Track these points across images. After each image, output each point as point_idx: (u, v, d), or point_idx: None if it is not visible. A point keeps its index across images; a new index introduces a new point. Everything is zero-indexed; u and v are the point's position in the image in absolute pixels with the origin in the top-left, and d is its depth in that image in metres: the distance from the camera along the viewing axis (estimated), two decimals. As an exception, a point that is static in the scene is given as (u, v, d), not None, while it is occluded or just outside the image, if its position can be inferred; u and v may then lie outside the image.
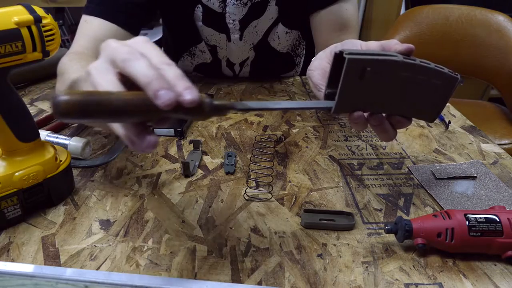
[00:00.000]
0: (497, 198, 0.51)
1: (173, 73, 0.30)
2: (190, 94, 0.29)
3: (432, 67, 0.40)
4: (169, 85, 0.29)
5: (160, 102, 0.28)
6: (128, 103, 0.28)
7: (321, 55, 0.54)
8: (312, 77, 0.53)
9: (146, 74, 0.29)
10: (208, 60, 0.89)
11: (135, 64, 0.29)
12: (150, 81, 0.28)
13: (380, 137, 0.44)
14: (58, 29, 0.44)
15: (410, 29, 1.40)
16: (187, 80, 0.30)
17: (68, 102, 0.26)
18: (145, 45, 0.32)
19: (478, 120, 0.82)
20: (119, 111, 0.28)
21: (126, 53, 0.30)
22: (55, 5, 1.91)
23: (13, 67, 0.41)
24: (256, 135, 0.67)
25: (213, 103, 0.32)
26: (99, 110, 0.27)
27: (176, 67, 0.31)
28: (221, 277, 0.40)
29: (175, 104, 0.28)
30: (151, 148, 0.30)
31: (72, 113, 0.27)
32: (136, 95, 0.29)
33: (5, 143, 0.44)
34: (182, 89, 0.29)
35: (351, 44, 0.47)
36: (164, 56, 0.31)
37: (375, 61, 0.38)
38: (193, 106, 0.29)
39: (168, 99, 0.28)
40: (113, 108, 0.28)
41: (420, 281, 0.39)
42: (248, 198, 0.51)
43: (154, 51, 0.31)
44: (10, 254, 0.42)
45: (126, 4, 0.68)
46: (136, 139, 0.30)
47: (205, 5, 0.77)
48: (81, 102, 0.27)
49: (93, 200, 0.51)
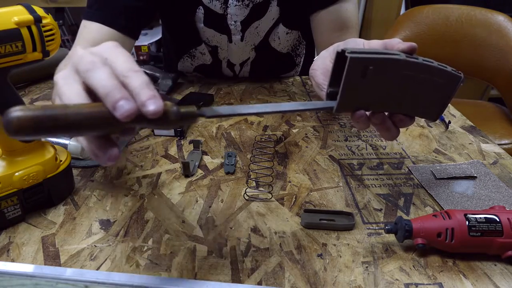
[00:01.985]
0: (497, 198, 0.51)
1: (138, 82, 0.28)
2: (154, 104, 0.27)
3: (435, 66, 0.40)
4: (130, 94, 0.27)
5: (119, 113, 0.26)
6: (86, 117, 0.27)
7: (323, 54, 0.53)
8: (315, 77, 0.53)
9: (104, 84, 0.27)
10: (208, 62, 0.89)
11: (95, 75, 0.28)
12: (108, 92, 0.27)
13: (383, 135, 0.44)
14: (58, 29, 0.44)
15: (410, 29, 1.40)
16: (152, 88, 0.28)
17: (20, 119, 0.24)
18: (112, 51, 0.30)
19: (478, 120, 0.82)
20: (76, 126, 0.26)
21: (88, 63, 0.29)
22: (55, 5, 1.91)
23: (13, 67, 0.41)
24: (256, 135, 0.67)
25: (180, 111, 0.30)
26: (55, 125, 0.26)
27: (143, 74, 0.29)
28: (221, 277, 0.40)
29: (135, 114, 0.27)
30: (112, 161, 0.29)
31: (25, 130, 0.25)
32: (95, 107, 0.27)
33: (5, 143, 0.44)
34: (145, 99, 0.27)
35: (354, 43, 0.47)
36: (130, 62, 0.29)
37: (377, 60, 0.38)
38: (157, 117, 0.27)
39: (127, 110, 0.26)
40: (70, 122, 0.26)
41: (420, 281, 0.39)
42: (248, 198, 0.51)
43: (120, 58, 0.29)
44: (10, 254, 0.42)
45: (124, 9, 0.68)
46: (98, 152, 0.29)
47: (206, 7, 0.77)
48: (35, 118, 0.25)
49: (93, 200, 0.51)
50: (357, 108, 0.41)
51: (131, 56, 0.30)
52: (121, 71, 0.28)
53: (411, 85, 0.40)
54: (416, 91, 0.41)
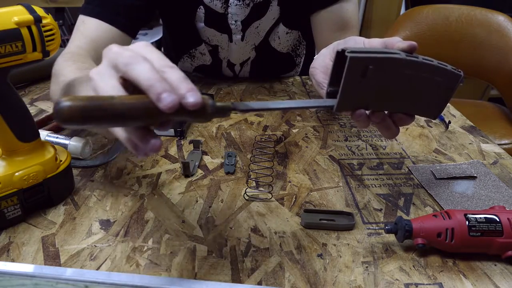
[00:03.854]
0: (497, 198, 0.51)
1: (176, 76, 0.30)
2: (193, 96, 0.29)
3: (434, 64, 0.40)
4: (171, 87, 0.29)
5: (163, 105, 0.28)
6: (131, 107, 0.28)
7: (324, 52, 0.53)
8: (315, 75, 0.53)
9: (148, 77, 0.29)
10: (208, 62, 0.89)
11: (137, 68, 0.29)
12: (152, 84, 0.28)
13: (383, 134, 0.44)
14: (58, 29, 0.44)
15: (410, 29, 1.40)
16: (190, 82, 0.30)
17: (71, 108, 0.26)
18: (147, 49, 0.32)
19: (478, 120, 0.82)
20: (122, 116, 0.28)
21: (128, 57, 0.30)
22: (55, 5, 1.91)
23: (13, 67, 0.41)
24: (256, 135, 0.67)
25: (216, 104, 0.32)
26: (102, 115, 0.27)
27: (178, 69, 0.30)
28: (221, 277, 0.40)
29: (177, 106, 0.28)
30: (154, 151, 0.30)
31: (75, 119, 0.26)
32: (139, 99, 0.29)
33: (5, 143, 0.44)
34: (185, 92, 0.29)
35: (354, 42, 0.47)
36: (166, 59, 0.31)
37: (377, 59, 0.38)
38: (196, 108, 0.29)
39: (171, 101, 0.28)
40: (116, 112, 0.28)
41: (420, 281, 0.39)
42: (248, 198, 0.51)
43: (155, 55, 0.31)
44: (10, 254, 0.42)
45: (124, 6, 0.68)
46: (139, 143, 0.30)
47: (207, 6, 0.77)
48: (84, 108, 0.27)
49: (93, 200, 0.51)
50: (357, 107, 0.41)
51: (163, 55, 0.32)
52: (158, 66, 0.30)
53: (411, 84, 0.40)
54: (416, 90, 0.41)
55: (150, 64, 0.30)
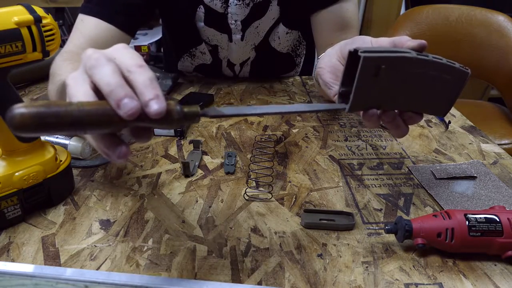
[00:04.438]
0: (497, 198, 0.51)
1: (142, 79, 0.28)
2: (157, 103, 0.27)
3: (444, 63, 0.40)
4: (135, 92, 0.27)
5: (123, 112, 0.26)
6: (90, 114, 0.26)
7: (330, 51, 0.53)
8: (322, 75, 0.52)
9: (108, 82, 0.27)
10: (208, 61, 0.89)
11: (99, 71, 0.28)
12: (112, 89, 0.27)
13: (393, 133, 0.44)
14: (58, 29, 0.44)
15: (410, 29, 1.40)
16: (156, 86, 0.28)
17: (23, 115, 0.25)
18: (120, 50, 0.30)
19: (478, 120, 0.82)
20: (80, 123, 0.26)
21: (93, 60, 0.29)
22: (55, 5, 1.91)
23: (13, 67, 0.41)
24: (256, 135, 0.67)
25: (183, 110, 0.30)
26: (58, 122, 0.26)
27: (148, 70, 0.29)
28: (221, 277, 0.40)
29: (139, 113, 0.27)
30: (122, 158, 0.29)
31: (28, 127, 0.25)
32: (99, 105, 0.27)
33: (5, 143, 0.44)
34: (148, 98, 0.27)
35: (362, 41, 0.47)
36: (137, 59, 0.29)
37: (390, 59, 0.37)
38: (161, 116, 0.27)
39: (131, 108, 0.26)
40: (73, 120, 0.26)
41: (420, 281, 0.39)
42: (248, 198, 0.51)
43: (127, 55, 0.30)
44: (10, 254, 0.42)
45: (124, 5, 0.68)
46: (106, 151, 0.29)
47: (207, 6, 0.77)
48: (37, 115, 0.25)
49: (93, 200, 0.51)
50: (369, 107, 0.41)
51: (138, 55, 0.31)
52: (125, 66, 0.29)
53: (420, 82, 0.40)
54: (425, 88, 0.41)
55: (114, 67, 0.28)
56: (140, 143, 0.30)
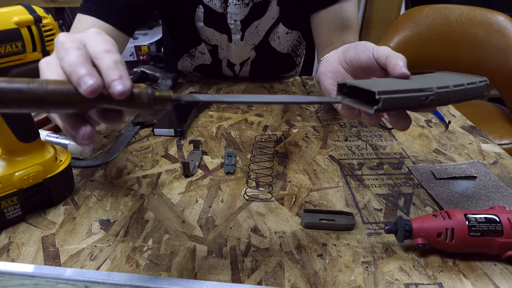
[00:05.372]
0: (497, 198, 0.51)
1: (107, 61, 0.28)
2: (120, 84, 0.27)
3: (465, 88, 0.39)
4: (97, 73, 0.27)
5: (82, 89, 0.26)
6: (53, 92, 0.26)
7: (332, 55, 0.52)
8: (323, 81, 0.51)
9: (70, 63, 0.27)
10: (208, 62, 0.89)
11: (66, 58, 0.28)
12: (73, 69, 0.27)
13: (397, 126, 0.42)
14: (58, 29, 0.44)
15: (410, 29, 1.40)
16: (122, 68, 0.28)
17: None
18: (92, 36, 0.30)
19: (478, 120, 0.82)
20: (41, 101, 0.26)
21: (64, 50, 0.29)
22: (55, 5, 1.91)
23: (13, 67, 0.41)
24: (256, 135, 0.67)
25: (154, 94, 0.29)
26: (20, 98, 0.25)
27: (116, 54, 0.29)
28: (221, 277, 0.40)
29: (99, 91, 0.26)
30: (86, 139, 0.29)
31: None
32: (63, 84, 0.27)
33: (5, 143, 0.44)
34: (111, 80, 0.27)
35: (363, 47, 0.46)
36: (105, 44, 0.29)
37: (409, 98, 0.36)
38: (125, 97, 0.27)
39: (90, 85, 0.26)
40: (35, 97, 0.25)
41: (420, 281, 0.39)
42: (248, 198, 0.51)
43: (97, 41, 0.29)
44: (10, 254, 0.42)
45: (122, 5, 0.68)
46: (71, 131, 0.29)
47: (206, 6, 0.77)
48: (0, 90, 0.25)
49: (93, 200, 0.51)
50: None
51: (110, 40, 0.30)
52: (93, 53, 0.28)
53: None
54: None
55: (81, 52, 0.28)
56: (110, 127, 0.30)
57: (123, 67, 0.28)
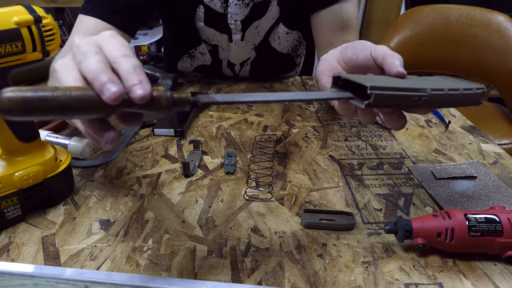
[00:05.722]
0: (497, 198, 0.51)
1: (126, 66, 0.28)
2: (141, 88, 0.27)
3: (460, 93, 0.39)
4: (119, 79, 0.28)
5: (106, 97, 0.27)
6: (75, 99, 0.27)
7: (330, 54, 0.52)
8: (321, 79, 0.52)
9: (91, 69, 0.28)
10: (208, 62, 0.89)
11: (86, 62, 0.28)
12: (95, 76, 0.27)
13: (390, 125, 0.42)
14: (58, 29, 0.44)
15: (410, 29, 1.40)
16: (141, 72, 0.28)
17: (11, 99, 0.25)
18: (108, 40, 0.31)
19: (478, 120, 0.82)
20: (66, 108, 0.26)
21: (82, 54, 0.29)
22: (55, 5, 1.91)
23: (13, 67, 0.41)
24: (256, 135, 0.67)
25: (173, 96, 0.30)
26: (45, 107, 0.26)
27: (134, 59, 0.29)
28: (221, 277, 0.40)
29: (121, 98, 0.27)
30: (110, 144, 0.29)
31: (16, 110, 0.25)
32: (85, 90, 0.27)
33: (5, 143, 0.44)
34: (131, 84, 0.27)
35: (361, 46, 0.46)
36: (123, 49, 0.30)
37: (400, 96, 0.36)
38: (145, 101, 0.28)
39: (113, 93, 0.26)
40: (60, 104, 0.26)
41: (420, 281, 0.39)
42: (248, 198, 0.51)
43: (114, 45, 0.30)
44: (10, 254, 0.42)
45: (123, 5, 0.68)
46: (95, 136, 0.29)
47: (207, 6, 0.77)
48: (25, 99, 0.25)
49: (93, 200, 0.51)
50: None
51: (126, 44, 0.31)
52: (111, 57, 0.29)
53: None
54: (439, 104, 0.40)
55: (100, 57, 0.29)
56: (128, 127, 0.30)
57: (142, 71, 0.28)
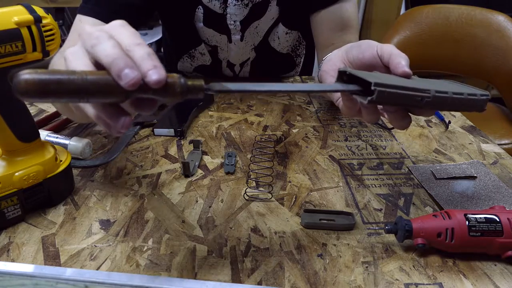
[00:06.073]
0: (497, 198, 0.51)
1: (140, 53, 0.29)
2: (156, 73, 0.28)
3: (464, 98, 0.38)
4: (134, 65, 0.28)
5: (124, 82, 0.27)
6: (92, 83, 0.27)
7: (335, 54, 0.52)
8: (326, 80, 0.51)
9: (108, 54, 0.28)
10: (208, 62, 0.89)
11: (100, 47, 0.29)
12: (112, 61, 0.28)
13: (395, 125, 0.42)
14: (58, 29, 0.44)
15: (410, 29, 1.40)
16: (155, 59, 0.29)
17: (28, 81, 0.25)
18: (119, 28, 0.31)
19: (478, 120, 0.82)
20: (82, 91, 0.27)
21: (95, 38, 0.29)
22: (55, 5, 1.91)
23: (13, 67, 0.41)
24: (256, 135, 0.67)
25: (187, 83, 0.30)
26: (60, 89, 0.26)
27: (146, 47, 0.30)
28: (221, 277, 0.40)
29: (139, 83, 0.27)
30: (125, 129, 0.30)
31: (32, 92, 0.26)
32: (101, 75, 0.28)
33: (5, 143, 0.44)
34: (146, 69, 0.28)
35: (367, 45, 0.46)
36: (135, 37, 0.30)
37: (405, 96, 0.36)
38: (160, 86, 0.28)
39: (131, 78, 0.27)
40: (76, 87, 0.27)
41: (420, 281, 0.39)
42: (248, 198, 0.51)
43: (125, 33, 0.30)
44: (10, 254, 0.42)
45: (122, 6, 0.68)
46: (109, 121, 0.30)
47: (206, 6, 0.77)
48: (41, 81, 0.26)
49: (93, 200, 0.51)
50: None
51: (136, 32, 0.31)
52: (125, 45, 0.29)
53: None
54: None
55: (114, 42, 0.29)
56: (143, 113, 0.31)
57: (156, 57, 0.29)
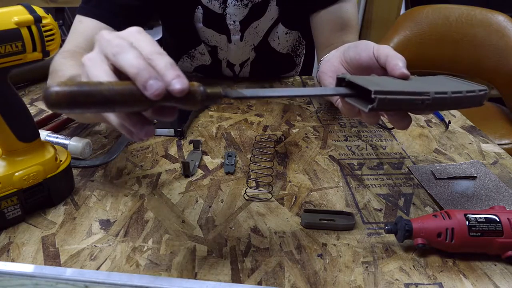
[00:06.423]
0: (497, 198, 0.51)
1: (163, 63, 0.30)
2: (179, 83, 0.29)
3: (463, 96, 0.39)
4: (158, 74, 0.29)
5: (150, 92, 0.28)
6: (118, 94, 0.28)
7: (332, 54, 0.52)
8: (324, 81, 0.51)
9: (133, 65, 0.29)
10: (208, 62, 0.89)
11: (124, 57, 0.30)
12: (138, 72, 0.29)
13: (395, 125, 0.42)
14: (58, 29, 0.44)
15: (410, 29, 1.40)
16: (177, 68, 0.30)
17: (58, 93, 0.27)
18: (137, 36, 0.32)
19: (478, 120, 0.82)
20: (109, 102, 0.28)
21: (116, 47, 0.30)
22: (55, 5, 1.91)
23: (13, 67, 0.41)
24: (256, 135, 0.67)
25: (206, 91, 0.31)
26: (90, 101, 0.28)
27: (167, 56, 0.31)
28: (221, 277, 0.40)
29: (164, 93, 0.29)
30: (148, 136, 0.31)
31: (62, 104, 0.27)
32: (127, 85, 0.29)
33: (5, 143, 0.44)
34: (171, 78, 0.29)
35: (364, 46, 0.46)
36: (155, 46, 0.31)
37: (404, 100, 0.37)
38: (183, 95, 0.29)
39: (157, 88, 0.28)
40: (104, 98, 0.28)
41: (420, 281, 0.39)
42: (248, 198, 0.51)
43: (145, 41, 0.31)
44: (10, 254, 0.42)
45: (122, 7, 0.68)
46: (133, 129, 0.31)
47: (205, 6, 0.77)
48: (71, 94, 0.27)
49: (93, 200, 0.51)
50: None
51: (156, 42, 0.32)
52: (146, 54, 0.30)
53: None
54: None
55: (137, 52, 0.30)
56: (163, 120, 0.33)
57: (177, 67, 0.30)
